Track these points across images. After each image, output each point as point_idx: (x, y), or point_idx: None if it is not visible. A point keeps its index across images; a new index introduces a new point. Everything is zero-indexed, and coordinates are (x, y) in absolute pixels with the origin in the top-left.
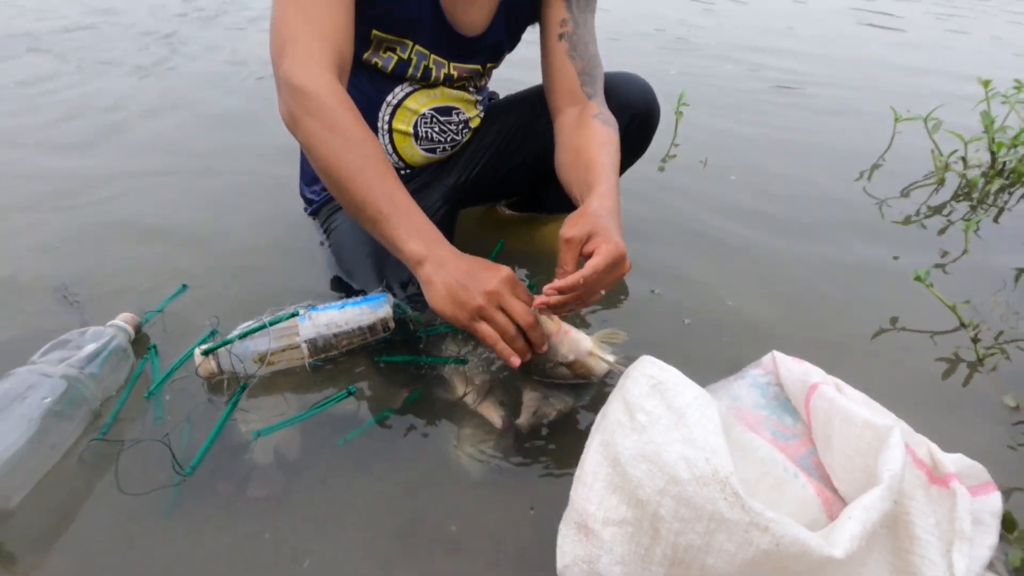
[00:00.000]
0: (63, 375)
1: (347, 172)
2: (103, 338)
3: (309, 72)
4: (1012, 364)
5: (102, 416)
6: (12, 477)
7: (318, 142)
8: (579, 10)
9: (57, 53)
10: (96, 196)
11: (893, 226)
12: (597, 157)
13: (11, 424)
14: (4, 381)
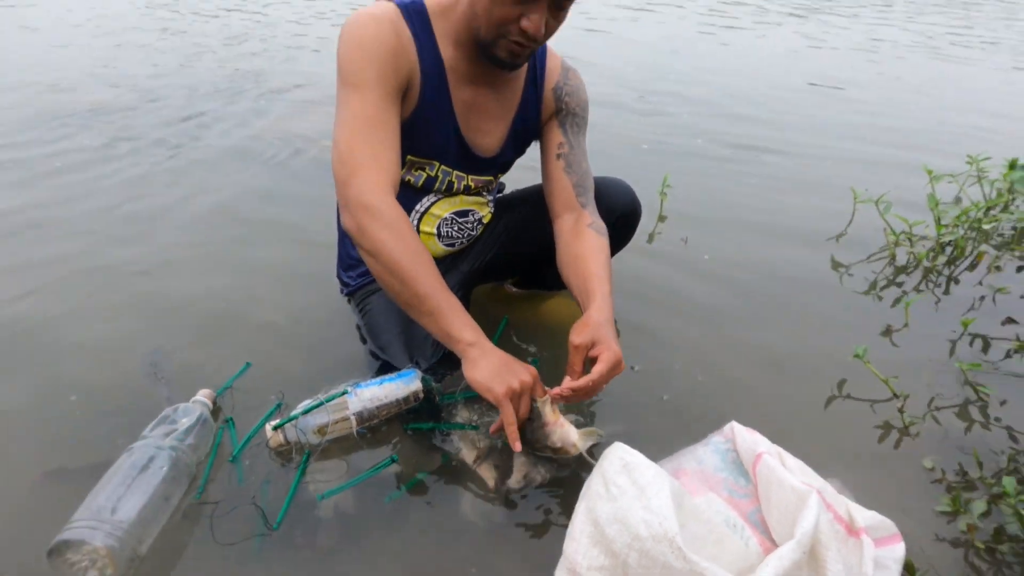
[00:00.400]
0: (171, 447)
1: (411, 274)
2: (193, 414)
3: (376, 194)
4: (935, 429)
5: (196, 477)
6: (145, 529)
7: (387, 249)
8: (573, 134)
9: (95, 132)
10: (156, 282)
11: (851, 297)
12: (593, 268)
13: (142, 489)
14: (130, 455)
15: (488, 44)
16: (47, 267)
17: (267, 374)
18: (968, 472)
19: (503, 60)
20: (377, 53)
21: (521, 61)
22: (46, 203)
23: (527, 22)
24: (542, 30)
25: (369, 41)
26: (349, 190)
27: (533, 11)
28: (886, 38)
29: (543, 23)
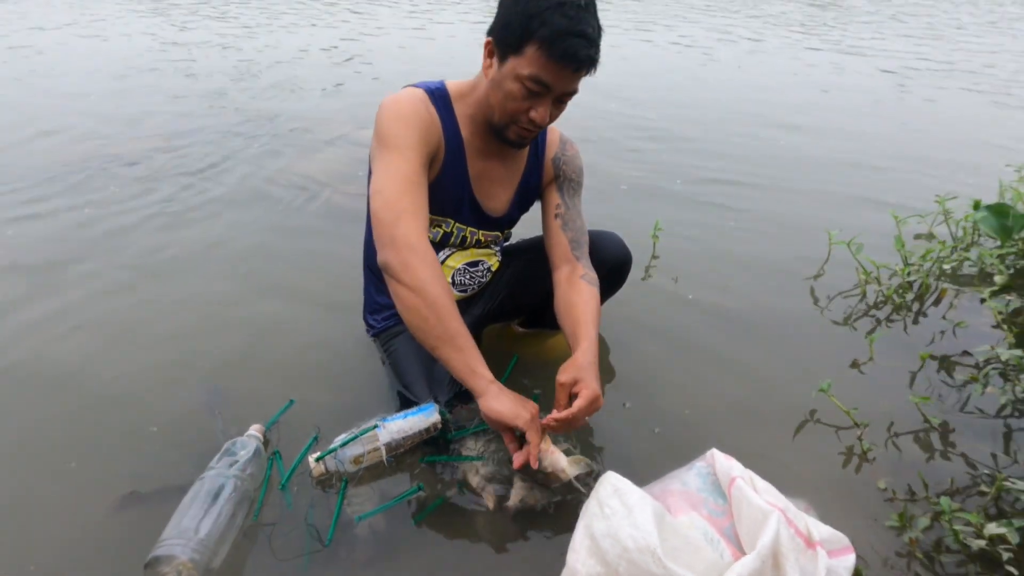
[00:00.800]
0: (236, 476)
1: (447, 311)
2: (249, 447)
3: (420, 237)
4: (891, 454)
5: (254, 502)
6: (219, 546)
7: (429, 286)
8: (569, 197)
9: (121, 180)
10: (202, 321)
11: (824, 332)
12: (582, 316)
13: (216, 512)
14: (204, 483)
15: (501, 128)
16: (100, 305)
17: (304, 408)
18: (916, 492)
19: (513, 141)
20: (415, 124)
21: (527, 142)
22: (78, 249)
23: (535, 113)
24: (547, 119)
25: (409, 114)
26: (396, 230)
27: (540, 105)
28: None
29: (548, 114)
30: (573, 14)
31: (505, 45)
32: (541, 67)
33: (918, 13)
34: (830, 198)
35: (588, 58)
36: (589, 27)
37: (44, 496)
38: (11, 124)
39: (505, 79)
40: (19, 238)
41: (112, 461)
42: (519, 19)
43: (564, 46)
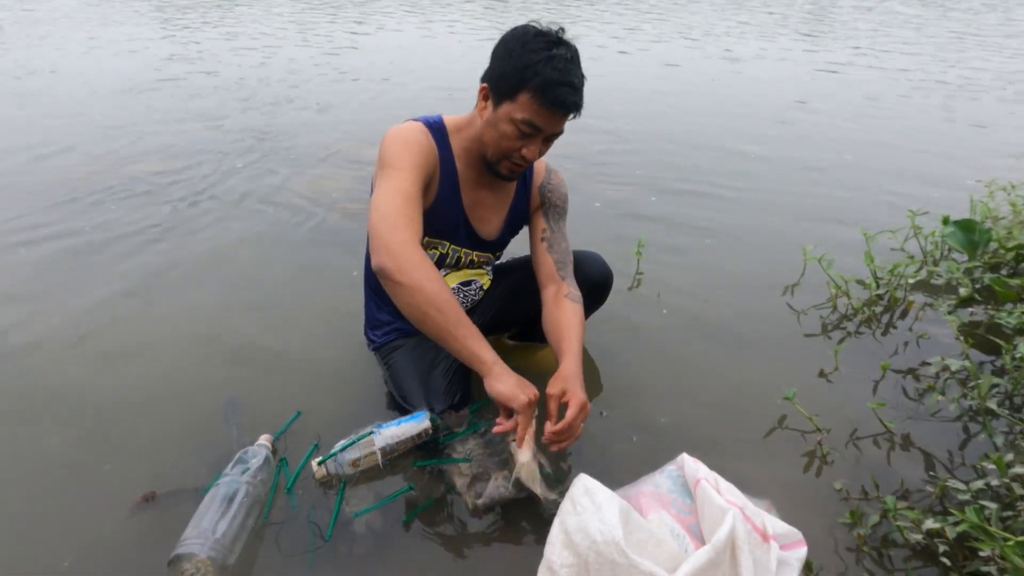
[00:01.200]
0: (248, 482)
1: (449, 305)
2: (260, 456)
3: (416, 244)
4: (850, 457)
5: (264, 505)
6: (234, 545)
7: (429, 283)
8: (554, 221)
9: (133, 202)
10: (222, 338)
11: (796, 344)
12: (567, 331)
13: (232, 514)
14: (220, 488)
15: (494, 163)
16: (115, 323)
17: (310, 418)
18: (868, 492)
19: (504, 176)
20: (415, 149)
21: (517, 176)
22: (87, 267)
23: (526, 151)
24: (536, 157)
25: (411, 140)
26: (392, 237)
27: (532, 144)
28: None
29: (538, 151)
30: (561, 66)
31: (500, 92)
32: (534, 113)
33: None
34: (807, 212)
35: (575, 104)
36: (575, 77)
37: (73, 499)
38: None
39: (500, 121)
40: (29, 259)
41: (134, 467)
42: (513, 70)
43: (554, 94)
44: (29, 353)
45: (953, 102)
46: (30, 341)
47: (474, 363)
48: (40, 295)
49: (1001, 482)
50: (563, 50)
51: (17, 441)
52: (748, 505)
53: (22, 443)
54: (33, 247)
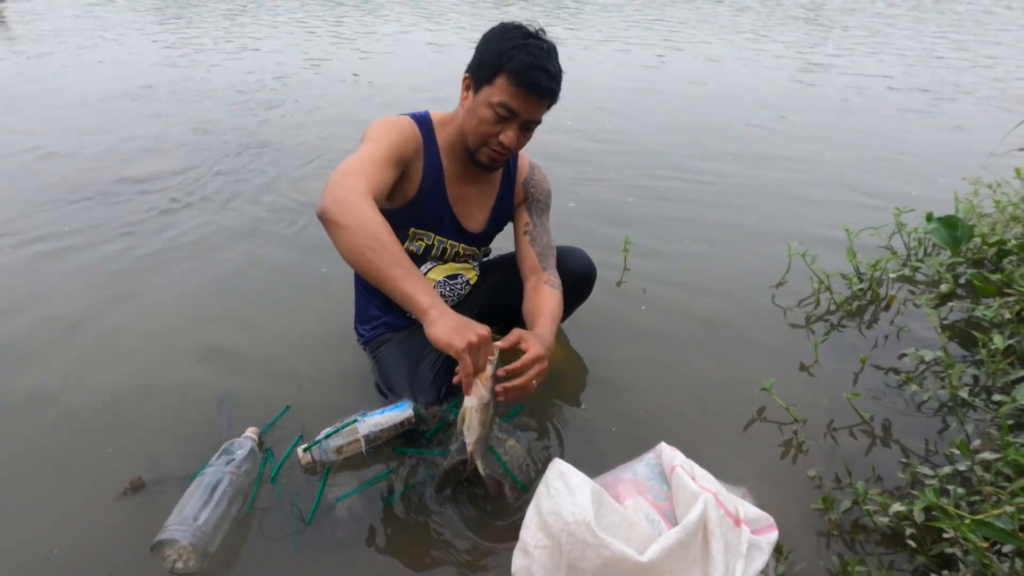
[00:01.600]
0: (232, 472)
1: (380, 244)
2: (246, 447)
3: (363, 191)
4: (825, 446)
5: (247, 494)
6: (216, 532)
7: (363, 224)
8: (537, 216)
9: (133, 204)
10: (219, 336)
11: (778, 337)
12: (543, 310)
13: (214, 503)
14: (204, 477)
15: (474, 151)
16: (113, 320)
17: (300, 411)
18: (841, 480)
19: (484, 164)
20: (394, 129)
21: (498, 165)
22: (86, 271)
23: (504, 136)
24: (515, 142)
25: (391, 123)
26: (341, 183)
27: (508, 129)
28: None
29: (516, 138)
30: (537, 52)
31: (479, 78)
32: (510, 95)
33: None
34: (791, 211)
35: (549, 89)
36: (551, 65)
37: (63, 490)
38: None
39: (479, 106)
40: (34, 264)
41: (123, 458)
42: (491, 56)
43: (528, 77)
44: (19, 348)
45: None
46: (20, 338)
47: (409, 306)
48: (27, 295)
49: (967, 467)
50: (540, 41)
51: (5, 433)
52: (722, 491)
53: (10, 435)
54: (22, 248)
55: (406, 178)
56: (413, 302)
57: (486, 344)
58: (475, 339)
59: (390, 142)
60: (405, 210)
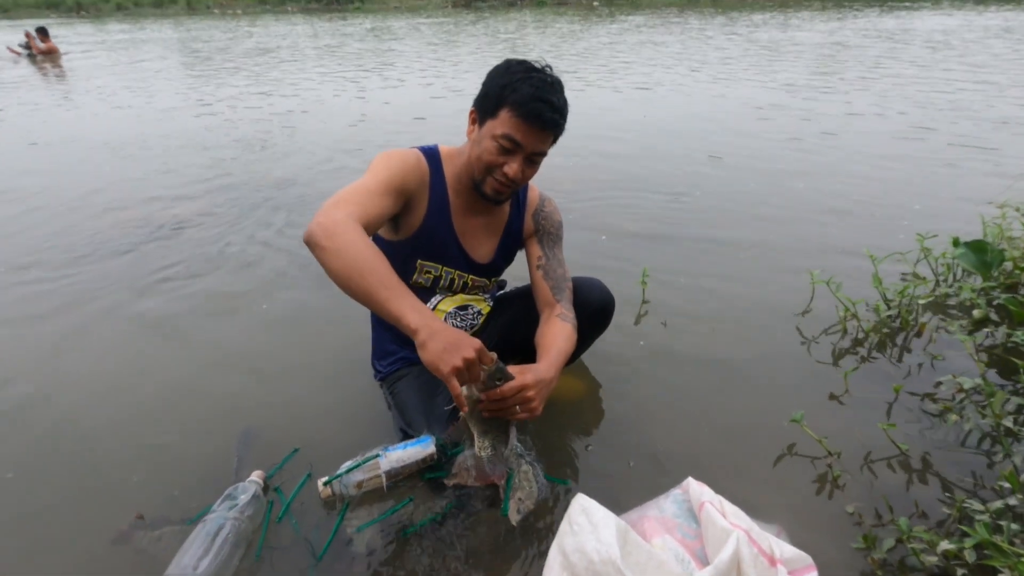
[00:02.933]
0: (235, 519)
1: (366, 266)
2: (249, 492)
3: (351, 216)
4: (862, 481)
5: (254, 541)
6: None
7: (350, 246)
8: (549, 248)
9: (168, 247)
10: (239, 376)
11: (805, 367)
12: (550, 343)
13: (217, 549)
14: (207, 524)
15: (479, 183)
16: (132, 359)
17: (317, 446)
18: (882, 516)
19: (489, 196)
20: (395, 160)
21: (503, 198)
22: (108, 309)
23: (508, 168)
24: (519, 174)
25: (395, 154)
26: (330, 211)
27: (513, 160)
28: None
29: (521, 170)
30: (540, 85)
31: (484, 111)
32: (513, 127)
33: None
34: (813, 240)
35: (552, 121)
36: (554, 97)
37: (61, 529)
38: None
39: (483, 138)
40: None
41: (129, 496)
42: (495, 89)
43: (531, 108)
44: (41, 385)
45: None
46: (43, 374)
47: (400, 328)
48: (49, 333)
49: (1019, 500)
50: (544, 75)
51: (17, 467)
52: (754, 529)
53: (21, 470)
54: (53, 282)
55: (411, 209)
56: (401, 323)
57: (474, 364)
58: (460, 363)
59: (389, 172)
60: (411, 241)
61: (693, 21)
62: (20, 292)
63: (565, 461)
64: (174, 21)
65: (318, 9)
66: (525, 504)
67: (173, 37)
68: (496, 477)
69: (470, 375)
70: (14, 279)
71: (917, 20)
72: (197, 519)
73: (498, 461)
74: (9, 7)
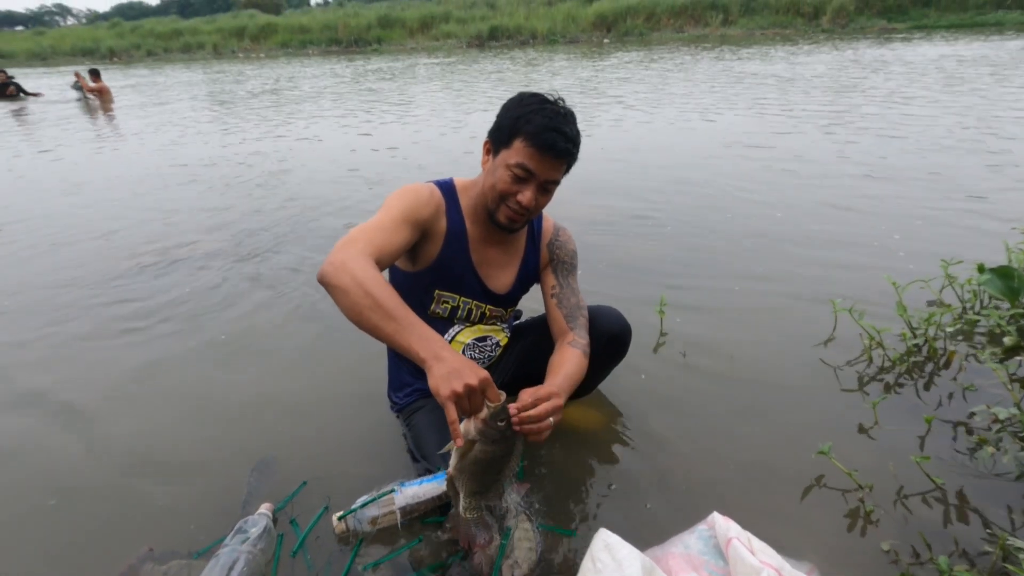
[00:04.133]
0: (248, 552)
1: (374, 300)
2: (260, 524)
3: (363, 253)
4: (896, 516)
5: (266, 573)
6: None
7: (360, 282)
8: (562, 277)
9: (211, 273)
10: (254, 409)
11: (832, 398)
12: (558, 370)
13: None
14: (220, 558)
15: (493, 211)
16: (153, 391)
17: (334, 479)
18: (920, 554)
19: (503, 224)
20: (408, 194)
21: (517, 226)
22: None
23: (521, 196)
24: (533, 203)
25: (408, 189)
26: (342, 249)
27: (527, 189)
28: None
29: (534, 199)
30: (552, 116)
31: (498, 142)
32: (526, 156)
33: None
34: (831, 269)
35: (565, 151)
36: (567, 127)
37: (78, 554)
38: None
39: (497, 168)
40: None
41: (140, 531)
42: (509, 120)
43: (544, 138)
44: (64, 413)
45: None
46: (66, 402)
47: (411, 359)
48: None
49: None
50: (557, 107)
51: (30, 498)
52: (785, 567)
53: (25, 502)
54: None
55: (428, 240)
56: (410, 353)
57: (476, 394)
58: (461, 388)
59: (403, 206)
60: (429, 272)
61: (704, 54)
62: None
63: (582, 493)
64: (203, 65)
65: (338, 51)
66: (521, 569)
67: (200, 79)
68: (481, 544)
69: (471, 405)
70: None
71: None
72: (205, 552)
73: (484, 527)
74: (47, 55)
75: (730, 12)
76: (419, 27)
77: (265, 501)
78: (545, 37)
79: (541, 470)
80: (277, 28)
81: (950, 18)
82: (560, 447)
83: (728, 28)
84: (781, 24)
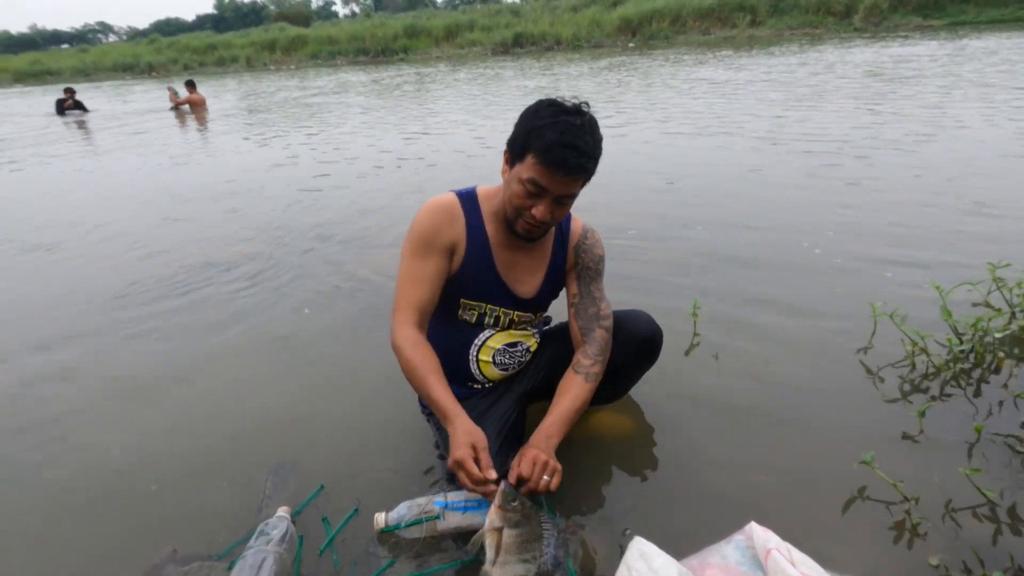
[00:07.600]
0: (273, 552)
1: (414, 377)
2: (281, 527)
3: (407, 325)
4: (945, 529)
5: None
6: None
7: (404, 364)
8: (584, 285)
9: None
10: (289, 411)
11: (874, 405)
12: (560, 402)
13: None
14: (247, 559)
15: (511, 222)
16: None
17: (365, 480)
18: (972, 570)
19: (521, 235)
20: (421, 222)
21: (535, 237)
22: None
23: (535, 211)
24: (548, 217)
25: (420, 215)
26: (393, 321)
27: (541, 203)
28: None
29: (549, 212)
30: (566, 129)
31: (513, 154)
32: (537, 172)
33: None
34: (867, 270)
35: (578, 166)
36: (581, 141)
37: (101, 552)
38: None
39: (512, 181)
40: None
41: (159, 527)
42: (522, 134)
43: (554, 156)
44: (79, 416)
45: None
46: (83, 407)
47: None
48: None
49: None
50: (574, 117)
51: (50, 501)
52: None
53: (53, 503)
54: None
55: (453, 252)
56: (440, 416)
57: (466, 462)
58: (452, 463)
59: (419, 239)
60: (454, 281)
61: (725, 52)
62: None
63: (615, 501)
64: (237, 78)
65: (366, 62)
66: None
67: (239, 89)
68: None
69: (469, 477)
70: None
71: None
72: (226, 554)
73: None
74: (91, 71)
75: (758, 13)
76: (444, 35)
77: (283, 505)
78: (570, 43)
79: (574, 479)
80: (307, 40)
81: (990, 13)
82: (592, 454)
83: (756, 29)
84: (811, 24)
